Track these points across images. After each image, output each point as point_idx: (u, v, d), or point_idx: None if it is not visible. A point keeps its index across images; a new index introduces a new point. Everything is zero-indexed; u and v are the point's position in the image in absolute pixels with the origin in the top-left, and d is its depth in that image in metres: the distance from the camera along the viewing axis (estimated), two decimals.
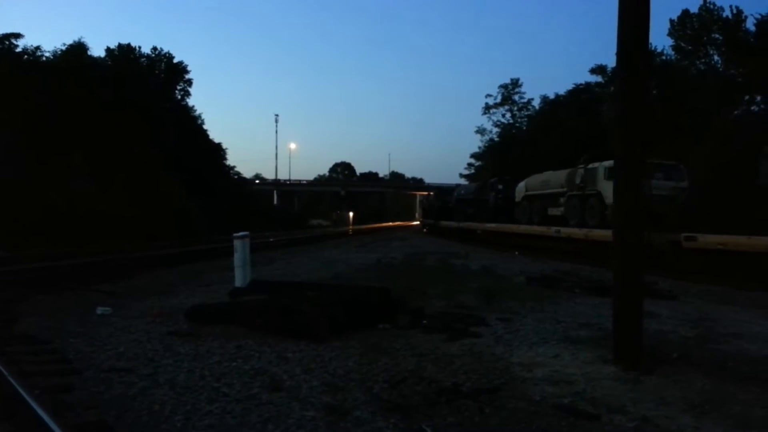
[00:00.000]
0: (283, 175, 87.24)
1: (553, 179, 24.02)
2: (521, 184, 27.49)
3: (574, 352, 6.00)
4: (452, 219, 36.41)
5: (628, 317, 5.45)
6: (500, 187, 30.61)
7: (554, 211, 23.21)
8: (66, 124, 26.42)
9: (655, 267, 12.63)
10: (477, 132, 62.75)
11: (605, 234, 16.48)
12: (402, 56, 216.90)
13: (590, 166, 20.86)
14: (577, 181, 21.31)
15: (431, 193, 55.08)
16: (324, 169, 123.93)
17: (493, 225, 28.01)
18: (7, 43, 30.11)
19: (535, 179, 26.30)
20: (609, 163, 18.60)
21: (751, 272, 12.02)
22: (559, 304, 9.19)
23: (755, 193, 16.89)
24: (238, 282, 10.01)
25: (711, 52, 36.11)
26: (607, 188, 18.80)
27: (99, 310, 8.36)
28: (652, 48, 34.20)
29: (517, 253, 20.89)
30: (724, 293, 10.97)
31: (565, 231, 20.62)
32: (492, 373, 5.27)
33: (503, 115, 61.03)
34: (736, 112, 31.96)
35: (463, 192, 38.03)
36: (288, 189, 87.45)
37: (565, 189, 22.39)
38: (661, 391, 4.75)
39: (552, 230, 21.69)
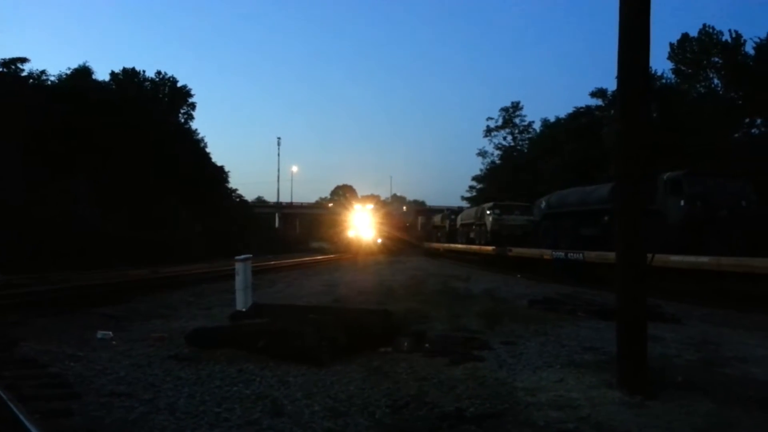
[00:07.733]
0: (285, 198, 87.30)
1: (471, 213, 36.34)
2: (459, 216, 39.94)
3: (578, 376, 5.94)
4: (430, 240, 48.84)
5: (632, 341, 5.39)
6: (452, 216, 43.01)
7: (472, 235, 34.67)
8: (70, 148, 26.57)
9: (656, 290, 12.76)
10: (478, 155, 63.27)
11: (489, 248, 28.37)
12: (404, 78, 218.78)
13: (482, 205, 34.02)
14: (478, 215, 33.55)
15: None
16: (326, 192, 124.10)
17: (447, 245, 40.00)
18: (13, 67, 30.39)
19: (465, 212, 39.37)
20: (489, 204, 32.78)
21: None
22: (562, 327, 9.12)
23: None
24: (240, 305, 9.96)
25: (711, 75, 36.40)
26: (487, 221, 31.36)
27: (99, 333, 8.30)
28: (652, 71, 34.50)
29: (519, 276, 21.09)
30: (727, 316, 10.90)
31: (472, 248, 32.90)
32: (495, 398, 5.21)
33: (504, 138, 61.54)
34: (735, 135, 32.11)
35: (435, 220, 50.23)
36: (290, 212, 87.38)
37: (474, 220, 34.10)
38: (667, 415, 4.70)
39: (466, 247, 34.07)
